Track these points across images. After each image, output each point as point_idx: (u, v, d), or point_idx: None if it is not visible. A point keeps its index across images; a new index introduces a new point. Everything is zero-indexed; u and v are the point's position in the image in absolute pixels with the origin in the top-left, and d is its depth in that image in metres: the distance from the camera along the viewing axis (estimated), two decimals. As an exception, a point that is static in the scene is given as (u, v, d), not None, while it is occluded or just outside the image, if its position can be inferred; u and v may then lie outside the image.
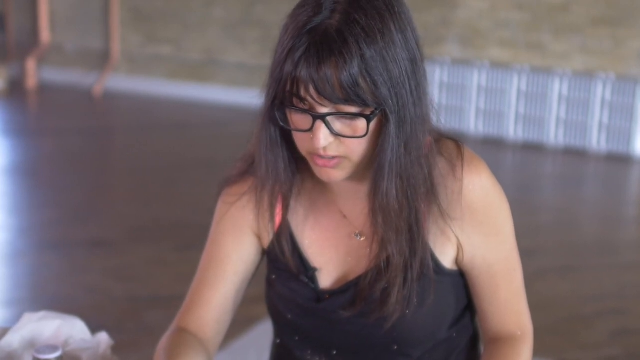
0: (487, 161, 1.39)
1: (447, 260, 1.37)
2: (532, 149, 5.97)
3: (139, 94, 7.13)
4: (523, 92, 6.00)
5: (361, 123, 1.21)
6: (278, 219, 1.41)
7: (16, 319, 1.40)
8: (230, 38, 6.88)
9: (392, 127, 1.22)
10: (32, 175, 5.27)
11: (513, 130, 6.05)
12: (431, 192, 1.31)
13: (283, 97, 1.23)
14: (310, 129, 1.22)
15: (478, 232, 1.35)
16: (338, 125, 1.22)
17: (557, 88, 5.91)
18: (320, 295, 1.39)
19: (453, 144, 1.36)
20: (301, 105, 1.22)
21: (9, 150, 5.80)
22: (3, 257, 3.93)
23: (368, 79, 1.19)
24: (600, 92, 5.80)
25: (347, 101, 1.19)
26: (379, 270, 1.33)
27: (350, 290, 1.37)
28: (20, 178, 5.23)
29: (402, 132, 1.23)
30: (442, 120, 1.36)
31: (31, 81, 7.34)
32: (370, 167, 1.28)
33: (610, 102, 5.80)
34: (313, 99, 1.20)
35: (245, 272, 1.45)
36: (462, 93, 6.13)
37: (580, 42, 5.92)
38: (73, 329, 1.30)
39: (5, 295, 3.55)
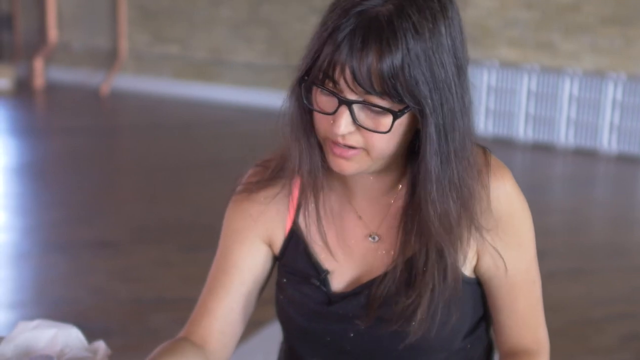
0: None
1: (467, 268, 1.33)
2: (542, 149, 5.92)
3: (146, 93, 7.11)
4: (533, 92, 5.95)
5: (387, 119, 1.17)
6: (290, 221, 1.37)
7: (20, 321, 1.36)
8: (237, 37, 6.85)
9: (432, 130, 1.18)
10: (38, 175, 5.25)
11: (523, 131, 6.00)
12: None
13: (315, 76, 1.18)
14: (333, 113, 1.18)
15: (500, 241, 1.31)
16: (362, 115, 1.18)
17: (568, 88, 5.86)
18: (332, 298, 1.35)
19: (480, 150, 1.32)
20: (331, 87, 1.18)
21: (16, 150, 5.78)
22: (8, 258, 3.91)
23: (408, 75, 1.14)
24: (611, 92, 5.75)
25: (382, 94, 1.15)
26: (394, 275, 1.29)
27: (363, 293, 1.32)
28: (26, 178, 5.21)
29: (451, 140, 1.20)
30: None
31: (38, 80, 7.33)
32: (394, 168, 1.26)
33: (621, 102, 5.74)
34: (346, 83, 1.16)
35: (254, 281, 1.39)
36: (471, 93, 6.07)
37: (590, 41, 5.87)
38: (69, 338, 1.27)
39: (10, 297, 3.52)
